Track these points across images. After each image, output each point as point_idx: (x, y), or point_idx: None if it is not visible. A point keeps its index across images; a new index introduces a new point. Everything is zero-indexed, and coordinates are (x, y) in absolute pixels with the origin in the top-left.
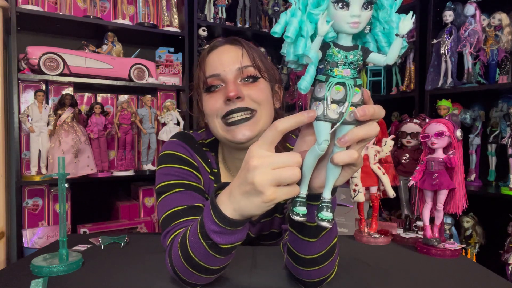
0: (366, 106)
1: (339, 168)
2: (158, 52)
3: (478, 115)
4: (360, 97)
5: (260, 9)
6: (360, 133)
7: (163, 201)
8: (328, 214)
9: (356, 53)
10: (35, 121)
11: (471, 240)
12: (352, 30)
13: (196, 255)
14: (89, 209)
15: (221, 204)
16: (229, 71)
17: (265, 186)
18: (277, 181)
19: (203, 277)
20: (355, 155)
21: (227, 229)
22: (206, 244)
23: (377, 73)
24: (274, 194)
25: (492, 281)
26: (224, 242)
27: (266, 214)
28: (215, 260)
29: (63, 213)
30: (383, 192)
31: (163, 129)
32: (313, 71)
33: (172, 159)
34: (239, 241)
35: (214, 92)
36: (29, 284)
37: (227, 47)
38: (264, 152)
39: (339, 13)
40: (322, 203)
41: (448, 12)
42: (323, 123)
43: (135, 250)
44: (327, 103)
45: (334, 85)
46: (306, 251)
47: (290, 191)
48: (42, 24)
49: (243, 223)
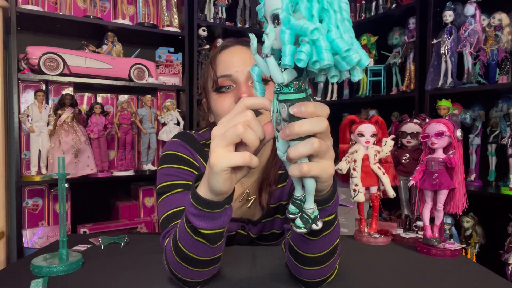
0: (303, 104)
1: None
2: (158, 52)
3: (478, 115)
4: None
5: None
6: (303, 126)
7: (164, 202)
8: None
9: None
10: (35, 121)
11: (471, 240)
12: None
13: (184, 245)
14: (89, 209)
15: (198, 187)
16: (241, 73)
17: (212, 149)
18: (224, 142)
19: (195, 271)
20: (316, 144)
21: (204, 211)
22: (188, 228)
23: (377, 73)
24: (217, 157)
25: (492, 281)
26: (203, 226)
27: (267, 214)
28: (202, 249)
29: (63, 213)
30: (383, 192)
31: (163, 129)
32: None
33: (173, 159)
34: (219, 228)
35: (224, 92)
36: (29, 284)
37: (239, 48)
38: (224, 120)
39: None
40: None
41: (448, 12)
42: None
43: (135, 250)
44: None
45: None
46: (308, 249)
47: (238, 156)
48: (42, 24)
49: (218, 204)
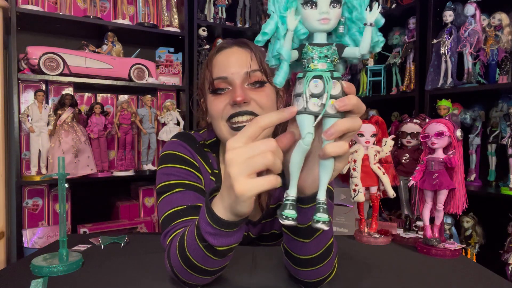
0: (346, 97)
1: (330, 165)
2: (158, 52)
3: (478, 115)
4: (339, 89)
5: (260, 9)
6: (345, 125)
7: (164, 201)
8: (323, 215)
9: (330, 47)
10: (35, 121)
11: (471, 240)
12: (323, 26)
13: (193, 257)
14: (89, 209)
15: (214, 205)
16: (237, 75)
17: (236, 178)
18: (249, 170)
19: (201, 278)
20: (345, 146)
21: (222, 231)
22: (202, 246)
23: (377, 73)
24: (244, 185)
25: (492, 281)
26: (219, 244)
27: (267, 215)
28: (213, 262)
29: (63, 213)
30: (383, 192)
31: (163, 129)
32: (286, 67)
33: (173, 159)
34: (234, 244)
35: (220, 94)
36: (29, 284)
37: (235, 50)
38: (238, 144)
39: (308, 12)
40: (317, 204)
41: (448, 12)
42: (305, 116)
43: (135, 250)
44: (306, 96)
45: (311, 78)
46: (301, 251)
47: (266, 181)
48: (42, 24)
49: (237, 224)
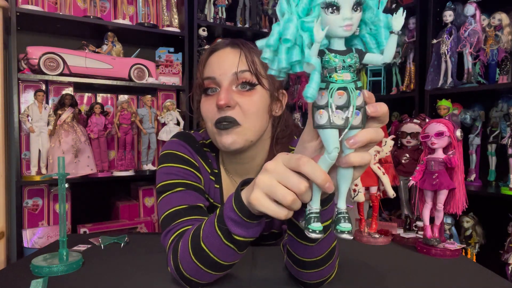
0: (378, 104)
1: (350, 174)
2: (158, 52)
3: (478, 115)
4: (362, 99)
5: (260, 9)
6: (369, 135)
7: (164, 200)
8: (347, 225)
9: (352, 55)
10: (35, 121)
11: (471, 240)
12: (346, 33)
13: (209, 247)
14: (89, 209)
15: (242, 194)
16: (225, 76)
17: (257, 187)
18: (269, 192)
19: (209, 274)
20: (368, 157)
21: (243, 220)
22: (221, 232)
23: (377, 73)
24: (257, 199)
25: (492, 281)
26: (238, 233)
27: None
28: (227, 253)
29: (63, 213)
30: (383, 192)
31: (163, 129)
32: (318, 77)
33: (173, 159)
34: (251, 237)
35: (210, 95)
36: (29, 284)
37: (227, 50)
38: (281, 165)
39: (330, 17)
40: (339, 215)
41: (448, 12)
42: (330, 130)
43: (135, 250)
44: (331, 110)
45: (336, 90)
46: (305, 254)
47: (275, 210)
48: (42, 24)
49: (259, 217)
